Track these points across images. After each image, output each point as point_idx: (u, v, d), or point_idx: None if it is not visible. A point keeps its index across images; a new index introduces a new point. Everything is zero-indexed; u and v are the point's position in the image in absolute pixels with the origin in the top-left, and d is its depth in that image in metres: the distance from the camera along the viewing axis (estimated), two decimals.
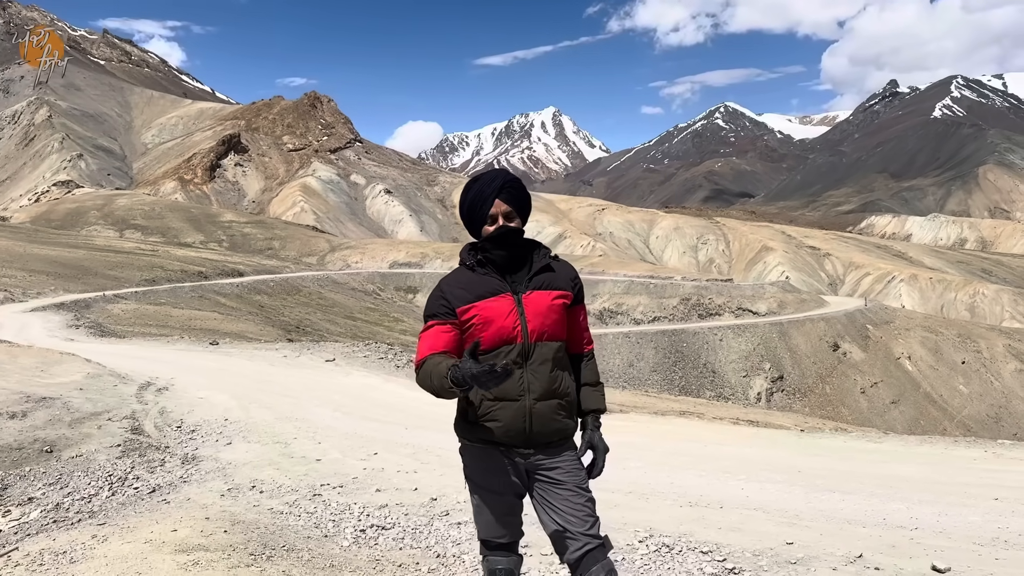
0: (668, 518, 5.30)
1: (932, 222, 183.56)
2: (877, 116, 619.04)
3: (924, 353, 49.88)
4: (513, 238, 2.82)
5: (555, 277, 2.86)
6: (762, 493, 6.10)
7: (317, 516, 5.19)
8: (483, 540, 2.94)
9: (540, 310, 2.78)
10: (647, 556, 4.57)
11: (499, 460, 2.83)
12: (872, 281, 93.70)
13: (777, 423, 15.22)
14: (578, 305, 2.96)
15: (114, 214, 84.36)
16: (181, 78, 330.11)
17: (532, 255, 2.88)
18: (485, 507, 2.89)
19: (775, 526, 5.18)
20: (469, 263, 2.87)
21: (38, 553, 4.34)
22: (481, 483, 2.87)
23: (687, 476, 6.50)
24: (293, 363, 14.49)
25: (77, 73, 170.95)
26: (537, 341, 2.76)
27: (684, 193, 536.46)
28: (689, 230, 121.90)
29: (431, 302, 2.86)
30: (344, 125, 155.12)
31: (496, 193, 2.82)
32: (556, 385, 2.80)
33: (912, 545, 4.80)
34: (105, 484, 5.92)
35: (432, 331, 2.80)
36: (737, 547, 4.69)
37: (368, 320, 42.45)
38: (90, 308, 25.43)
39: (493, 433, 2.78)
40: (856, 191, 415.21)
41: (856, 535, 5.00)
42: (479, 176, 2.89)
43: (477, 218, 2.85)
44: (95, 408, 8.26)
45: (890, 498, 5.96)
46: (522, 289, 2.80)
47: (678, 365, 45.02)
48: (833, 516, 5.44)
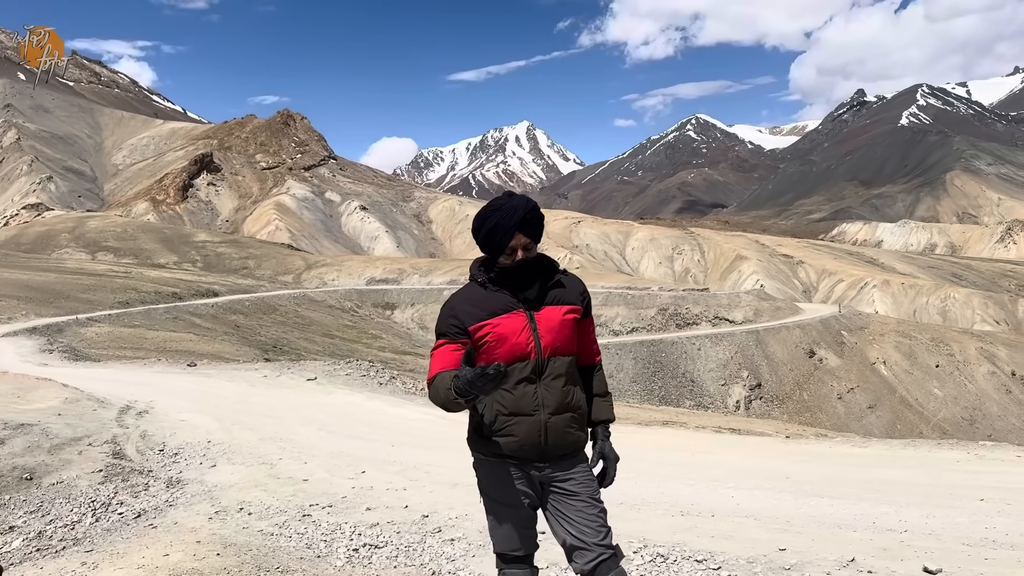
0: (661, 528, 5.30)
1: (902, 228, 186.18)
2: (845, 125, 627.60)
3: (899, 358, 50.43)
4: (530, 268, 2.85)
5: (565, 292, 2.90)
6: (752, 500, 6.13)
7: (308, 536, 5.13)
8: (499, 554, 2.95)
9: (552, 325, 2.80)
10: (642, 567, 4.57)
11: (515, 473, 2.85)
12: (845, 287, 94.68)
13: (759, 430, 15.31)
14: (587, 318, 2.99)
15: (85, 236, 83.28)
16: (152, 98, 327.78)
17: (543, 271, 2.90)
18: (501, 520, 2.90)
19: (767, 533, 5.20)
20: (480, 280, 2.87)
21: None
22: (497, 497, 2.89)
23: (677, 485, 6.51)
24: (274, 383, 14.35)
25: (46, 95, 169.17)
26: (551, 356, 2.79)
27: (658, 204, 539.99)
28: (664, 241, 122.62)
29: (441, 320, 2.86)
30: (318, 142, 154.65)
31: (517, 227, 2.81)
32: (569, 399, 2.83)
33: (903, 547, 4.84)
34: (88, 510, 5.82)
35: (442, 350, 2.81)
36: (731, 555, 4.70)
37: (346, 338, 42.18)
38: (63, 332, 25.02)
39: (509, 447, 2.80)
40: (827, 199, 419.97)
41: (847, 539, 5.04)
42: (499, 205, 2.86)
43: (494, 248, 2.83)
44: (75, 433, 8.12)
45: (878, 502, 6.01)
46: (534, 305, 2.82)
47: (657, 375, 45.16)
48: (824, 521, 5.48)
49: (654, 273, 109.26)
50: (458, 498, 6.11)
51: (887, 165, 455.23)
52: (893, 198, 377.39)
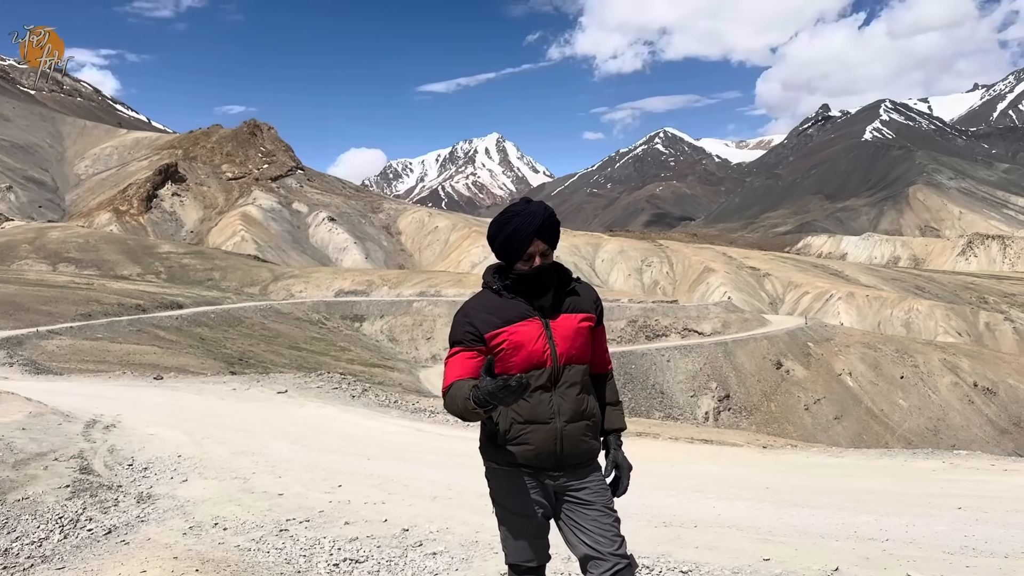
0: (644, 539, 5.27)
1: (866, 241, 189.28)
2: (810, 139, 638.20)
3: (864, 369, 51.13)
4: (547, 276, 2.82)
5: (580, 300, 2.88)
6: (734, 511, 6.12)
7: (287, 552, 5.02)
8: (512, 565, 2.90)
9: (568, 333, 2.79)
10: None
11: (528, 483, 2.82)
12: (811, 299, 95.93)
13: (730, 441, 15.39)
14: (600, 326, 2.98)
15: (46, 247, 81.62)
16: (115, 107, 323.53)
17: (558, 278, 2.88)
18: (516, 531, 2.86)
19: (750, 543, 5.19)
20: (495, 287, 2.84)
21: None
22: (511, 506, 2.84)
23: (658, 496, 6.49)
24: (243, 396, 14.14)
25: (5, 103, 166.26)
26: (566, 364, 2.77)
27: (627, 217, 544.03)
28: (634, 253, 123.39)
29: (456, 327, 2.82)
30: (285, 153, 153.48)
31: (536, 232, 2.79)
32: (584, 407, 2.81)
33: (885, 556, 4.86)
34: (56, 527, 5.64)
35: (457, 358, 2.77)
36: (715, 565, 4.68)
37: (314, 350, 41.75)
38: (23, 345, 24.46)
39: (524, 456, 2.77)
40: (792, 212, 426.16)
41: (830, 549, 5.04)
42: (517, 211, 2.84)
43: (512, 254, 2.80)
44: (40, 448, 7.90)
45: (858, 511, 6.03)
46: (549, 313, 2.79)
47: (627, 387, 45.27)
48: (806, 531, 5.48)
49: (624, 285, 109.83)
50: (438, 511, 6.03)
51: (851, 179, 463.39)
52: (857, 211, 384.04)
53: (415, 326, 52.17)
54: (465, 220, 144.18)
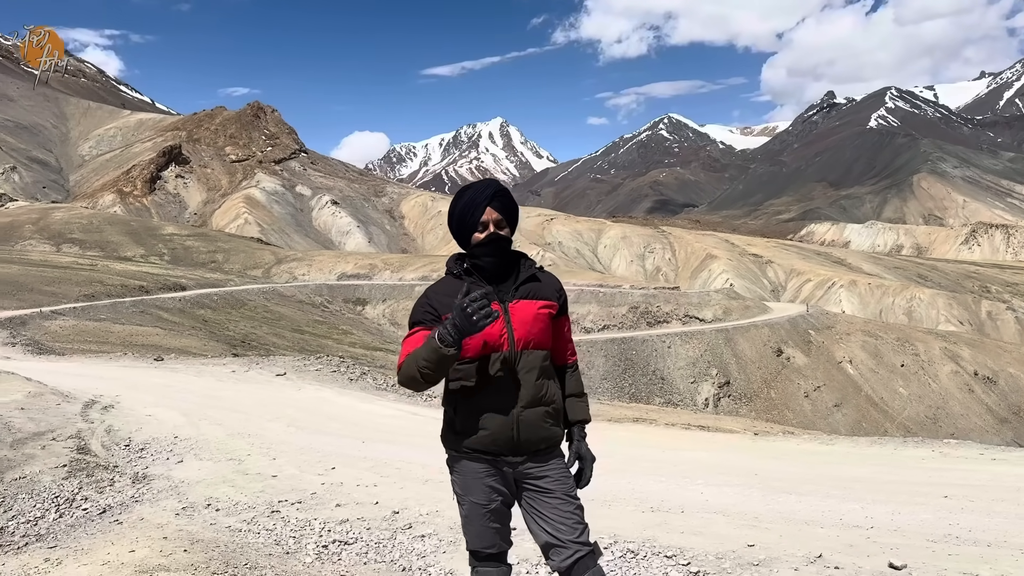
0: (631, 524, 5.32)
1: (869, 229, 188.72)
2: (815, 126, 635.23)
3: (864, 357, 51.16)
4: (503, 245, 2.85)
5: (541, 287, 2.90)
6: (721, 496, 6.17)
7: (277, 533, 5.08)
8: (472, 551, 2.92)
9: (526, 319, 2.80)
10: (613, 562, 4.58)
11: (487, 470, 2.84)
12: (813, 287, 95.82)
13: (728, 428, 15.44)
14: (563, 316, 3.00)
15: (50, 228, 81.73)
16: (119, 88, 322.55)
17: (519, 265, 2.91)
18: (474, 518, 2.87)
19: (736, 529, 5.24)
20: (456, 272, 2.88)
21: None
22: (470, 494, 2.86)
23: (647, 481, 6.55)
24: (242, 378, 14.21)
25: (9, 83, 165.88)
26: (523, 349, 2.78)
27: (630, 203, 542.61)
28: (636, 239, 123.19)
29: (417, 309, 2.87)
30: (289, 135, 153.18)
31: (488, 200, 2.84)
32: (542, 393, 2.82)
33: (869, 544, 4.91)
34: (52, 506, 5.71)
35: (416, 336, 2.80)
36: (700, 550, 4.73)
37: (316, 333, 41.85)
38: (26, 325, 24.56)
39: (481, 442, 2.79)
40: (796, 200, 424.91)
41: (815, 535, 5.09)
42: (470, 184, 2.92)
43: (468, 225, 2.85)
44: (38, 428, 7.97)
45: (845, 498, 6.08)
46: (508, 298, 2.82)
47: (628, 372, 45.38)
48: (791, 517, 5.53)
49: (626, 271, 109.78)
50: (429, 494, 6.09)
51: (855, 167, 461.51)
52: (861, 199, 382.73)
53: None
54: None
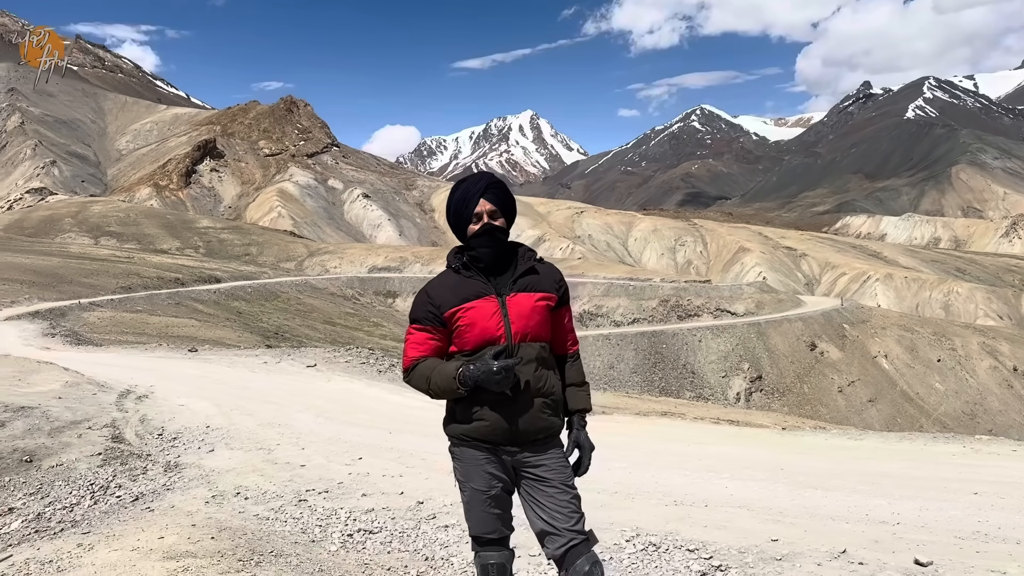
0: (654, 517, 5.33)
1: (906, 222, 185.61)
2: (851, 117, 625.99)
3: (900, 351, 50.43)
4: (497, 235, 2.89)
5: (539, 279, 2.94)
6: (746, 491, 6.15)
7: (304, 521, 5.17)
8: (474, 536, 2.99)
9: (523, 312, 2.85)
10: (634, 555, 4.60)
11: (487, 457, 2.91)
12: (848, 281, 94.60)
13: (757, 422, 15.34)
14: (563, 307, 3.04)
15: (89, 221, 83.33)
16: (155, 83, 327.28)
17: (516, 257, 2.95)
18: (475, 504, 2.95)
19: (760, 523, 5.22)
20: (455, 266, 2.94)
21: (23, 563, 4.29)
22: (470, 480, 2.94)
23: (671, 475, 6.54)
24: (274, 369, 14.40)
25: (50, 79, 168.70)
26: (521, 342, 2.83)
27: (662, 195, 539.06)
28: (667, 232, 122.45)
29: (417, 306, 2.93)
30: (321, 129, 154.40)
31: (481, 193, 2.90)
32: (541, 384, 2.87)
33: (895, 540, 4.87)
34: (87, 493, 5.86)
35: (417, 336, 2.91)
36: (723, 545, 4.73)
37: (348, 325, 42.25)
38: (66, 316, 25.10)
39: (480, 431, 2.86)
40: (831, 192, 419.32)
41: (839, 531, 5.06)
42: (465, 178, 2.98)
43: (463, 218, 2.92)
44: (75, 417, 8.17)
45: (872, 494, 6.03)
46: (506, 291, 2.87)
47: (658, 366, 45.21)
48: (816, 512, 5.50)
49: (656, 264, 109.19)
50: (453, 485, 6.15)
51: (892, 158, 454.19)
52: (898, 191, 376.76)
53: None
54: None
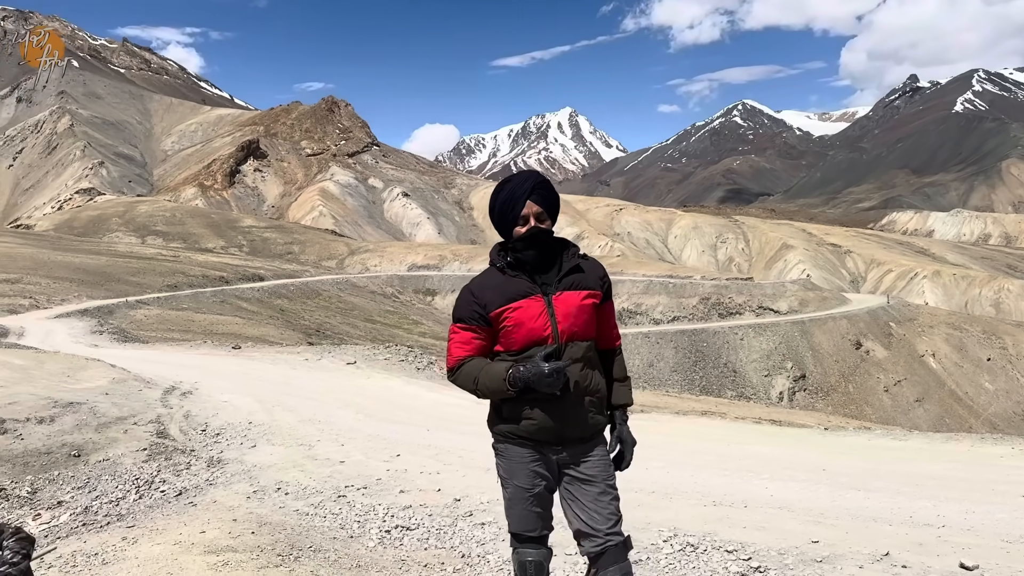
0: (692, 517, 5.28)
1: (955, 218, 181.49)
2: (897, 111, 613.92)
3: (948, 350, 49.34)
4: (544, 238, 2.85)
5: (584, 277, 2.89)
6: (786, 492, 6.07)
7: (342, 517, 5.23)
8: (514, 534, 2.96)
9: (570, 310, 2.81)
10: (671, 555, 4.56)
11: (532, 455, 2.87)
12: (894, 278, 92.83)
13: (800, 422, 15.11)
14: (607, 302, 2.99)
15: (135, 220, 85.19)
16: (200, 85, 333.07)
17: (562, 255, 2.91)
18: (517, 502, 2.91)
19: (800, 524, 5.15)
20: (499, 265, 2.91)
21: (70, 555, 4.40)
22: (514, 479, 2.90)
23: (710, 475, 6.48)
24: (315, 366, 14.57)
25: (98, 81, 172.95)
26: (568, 341, 2.80)
27: (702, 192, 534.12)
28: (708, 229, 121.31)
29: (461, 305, 2.91)
30: (361, 129, 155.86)
31: (528, 194, 2.85)
32: (587, 382, 2.84)
33: (939, 543, 4.77)
34: (132, 487, 5.99)
35: (462, 335, 2.87)
36: (762, 546, 4.67)
37: (387, 323, 42.59)
38: (113, 314, 25.69)
39: (527, 430, 2.83)
40: (877, 187, 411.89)
41: (882, 533, 4.97)
42: (510, 177, 2.94)
43: (509, 219, 2.88)
44: (121, 413, 8.35)
45: (916, 496, 5.91)
46: (552, 290, 2.82)
47: (698, 365, 44.81)
48: (858, 514, 5.41)
49: (697, 262, 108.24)
50: (490, 483, 6.16)
51: (940, 153, 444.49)
52: (946, 187, 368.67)
53: None
54: None
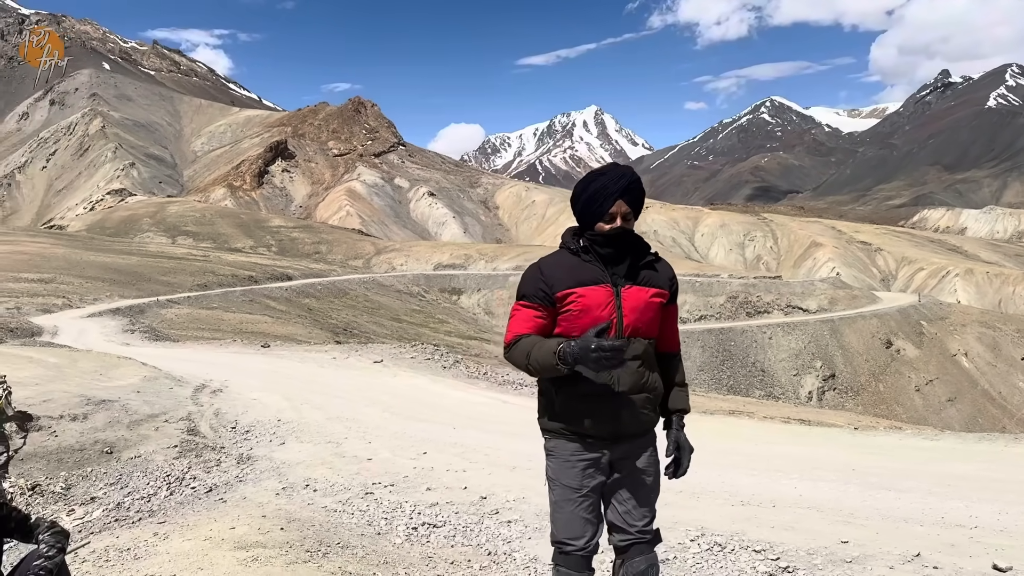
0: (720, 517, 5.26)
1: (988, 215, 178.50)
2: (928, 107, 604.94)
3: (981, 349, 48.55)
4: (628, 239, 2.78)
5: (655, 275, 2.83)
6: (815, 492, 6.01)
7: (370, 514, 5.26)
8: (558, 543, 2.83)
9: (637, 305, 2.75)
10: (699, 555, 4.55)
11: (582, 454, 2.78)
12: (926, 276, 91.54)
13: (829, 422, 14.96)
14: (672, 305, 2.92)
15: (166, 221, 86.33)
16: (228, 86, 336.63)
17: (636, 250, 2.83)
18: (564, 503, 2.80)
19: (829, 525, 5.11)
20: (573, 247, 2.81)
21: (103, 550, 4.47)
22: (561, 478, 2.80)
23: (738, 475, 6.44)
24: (342, 364, 14.68)
25: (128, 84, 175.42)
26: (631, 336, 2.73)
27: (730, 190, 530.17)
28: (735, 227, 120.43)
29: (526, 281, 2.80)
30: (387, 129, 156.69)
31: (620, 193, 2.75)
32: (644, 380, 2.78)
33: (972, 544, 4.70)
34: (163, 484, 6.07)
35: (524, 312, 2.77)
36: (791, 546, 4.64)
37: (414, 322, 42.78)
38: (145, 313, 26.05)
39: (580, 426, 2.75)
40: (908, 184, 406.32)
41: (913, 533, 4.91)
42: (603, 171, 2.82)
43: (594, 213, 2.77)
44: (152, 410, 8.46)
45: (948, 496, 5.83)
46: (622, 282, 2.75)
47: (726, 364, 44.50)
48: (889, 515, 5.35)
49: (724, 260, 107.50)
50: (516, 481, 6.17)
51: (972, 149, 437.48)
52: (979, 183, 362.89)
53: (511, 300, 52.24)
54: (562, 194, 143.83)
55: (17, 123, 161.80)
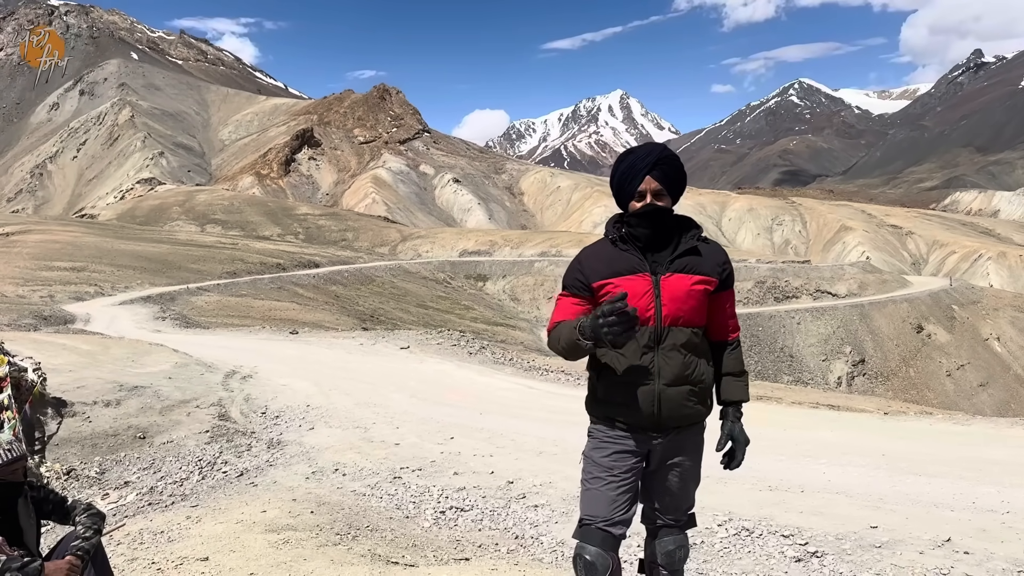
0: (747, 502, 5.24)
1: (1021, 197, 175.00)
2: (961, 88, 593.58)
3: (1014, 334, 47.78)
4: (658, 217, 2.69)
5: (700, 261, 2.72)
6: (844, 477, 5.98)
7: (398, 498, 5.32)
8: (582, 520, 2.79)
9: (678, 294, 2.65)
10: (726, 539, 4.55)
11: (622, 440, 2.74)
12: (958, 260, 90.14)
13: (859, 407, 14.81)
14: (725, 291, 2.82)
15: (195, 209, 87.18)
16: (255, 75, 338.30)
17: (680, 235, 2.74)
18: (591, 480, 2.77)
19: (858, 510, 5.08)
20: (612, 237, 2.76)
21: (137, 532, 4.57)
22: (594, 458, 2.77)
23: (766, 460, 6.41)
24: (369, 351, 14.77)
25: (156, 73, 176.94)
26: (671, 325, 2.65)
27: (757, 173, 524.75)
28: (763, 211, 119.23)
29: (568, 272, 2.80)
30: (412, 116, 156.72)
31: (648, 169, 2.68)
32: (689, 371, 2.68)
33: (1004, 529, 4.65)
34: (195, 468, 6.17)
35: (565, 301, 2.76)
36: (819, 531, 4.62)
37: (440, 308, 42.91)
38: (175, 301, 26.38)
39: (621, 414, 2.71)
40: (939, 167, 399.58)
41: (944, 519, 4.87)
42: (634, 148, 2.76)
43: (626, 192, 2.72)
44: (184, 396, 8.58)
45: (979, 481, 5.76)
46: (662, 270, 2.67)
47: (754, 349, 44.17)
48: (919, 500, 5.30)
49: (752, 245, 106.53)
50: (542, 466, 6.19)
51: (1006, 130, 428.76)
52: (1012, 165, 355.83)
53: (536, 286, 52.57)
54: (587, 180, 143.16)
55: (48, 114, 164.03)
